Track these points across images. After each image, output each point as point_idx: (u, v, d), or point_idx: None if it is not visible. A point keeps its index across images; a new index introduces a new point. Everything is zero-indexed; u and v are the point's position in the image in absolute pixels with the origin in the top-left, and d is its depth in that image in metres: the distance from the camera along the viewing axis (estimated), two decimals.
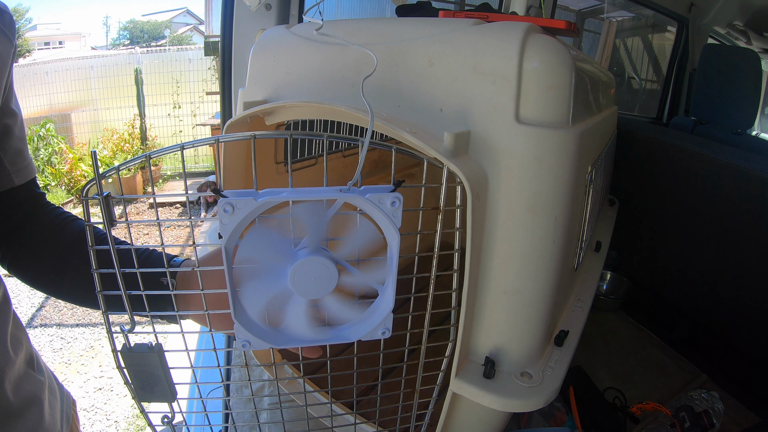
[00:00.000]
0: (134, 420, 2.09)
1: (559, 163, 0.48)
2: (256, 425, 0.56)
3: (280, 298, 0.39)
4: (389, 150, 0.40)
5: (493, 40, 0.48)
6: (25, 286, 2.66)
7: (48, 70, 5.11)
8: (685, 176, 1.09)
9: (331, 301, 0.39)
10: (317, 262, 0.37)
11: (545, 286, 0.51)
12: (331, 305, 0.40)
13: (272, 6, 1.12)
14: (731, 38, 2.13)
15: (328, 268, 0.37)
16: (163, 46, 7.64)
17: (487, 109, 0.48)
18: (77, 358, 2.50)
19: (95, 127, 5.21)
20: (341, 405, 0.72)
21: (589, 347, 1.03)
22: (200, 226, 3.38)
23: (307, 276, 0.37)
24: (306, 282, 0.37)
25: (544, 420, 0.79)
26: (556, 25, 0.62)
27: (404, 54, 0.54)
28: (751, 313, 0.95)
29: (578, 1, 2.29)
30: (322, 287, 0.38)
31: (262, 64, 0.70)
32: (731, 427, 0.83)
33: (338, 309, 0.40)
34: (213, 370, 0.73)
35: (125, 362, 0.42)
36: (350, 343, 0.44)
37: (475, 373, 0.51)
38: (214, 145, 0.41)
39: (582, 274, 0.75)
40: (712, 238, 1.02)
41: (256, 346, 0.40)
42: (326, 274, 0.37)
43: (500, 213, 0.48)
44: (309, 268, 0.37)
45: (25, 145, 0.54)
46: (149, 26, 16.72)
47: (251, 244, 0.36)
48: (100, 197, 0.37)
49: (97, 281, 0.40)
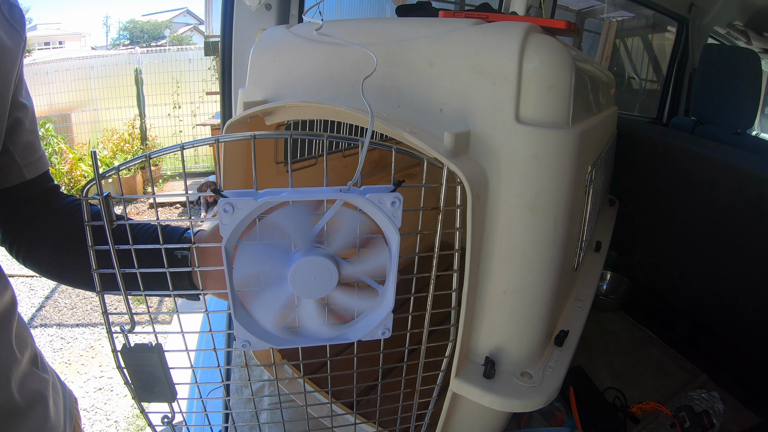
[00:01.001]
0: (134, 420, 2.09)
1: (559, 163, 0.48)
2: (256, 425, 0.56)
3: (290, 302, 0.39)
4: (389, 150, 0.40)
5: (493, 40, 0.48)
6: (25, 286, 2.64)
7: (48, 70, 5.11)
8: (685, 176, 1.09)
9: (339, 296, 0.39)
10: (313, 262, 0.37)
11: (545, 286, 0.51)
12: (340, 299, 0.40)
13: (272, 6, 1.12)
14: (731, 38, 2.13)
15: (326, 266, 0.37)
16: (163, 46, 7.64)
17: (487, 109, 0.48)
18: (77, 358, 2.50)
19: (95, 127, 5.21)
20: (341, 405, 0.72)
21: (589, 347, 1.03)
22: (200, 226, 3.37)
23: (307, 277, 0.37)
24: (307, 283, 0.37)
25: (544, 420, 0.79)
26: (556, 25, 0.62)
27: (404, 54, 0.54)
28: (750, 313, 0.95)
29: (578, 1, 2.29)
30: (324, 285, 0.38)
31: (262, 64, 0.70)
32: (731, 427, 0.83)
33: (348, 301, 0.40)
34: (213, 370, 0.73)
35: (125, 362, 0.42)
36: (350, 343, 0.44)
37: (475, 373, 0.51)
38: (214, 145, 0.41)
39: (582, 274, 0.75)
40: (712, 238, 1.02)
41: (256, 346, 0.40)
42: (325, 272, 0.37)
43: (500, 213, 0.48)
44: (306, 269, 0.37)
45: (36, 138, 0.53)
46: (149, 26, 16.72)
47: (246, 261, 0.36)
48: (100, 197, 0.37)
49: (96, 281, 0.40)
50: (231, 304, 0.38)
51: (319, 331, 0.41)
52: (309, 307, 0.39)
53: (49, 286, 3.15)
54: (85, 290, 0.55)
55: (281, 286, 0.37)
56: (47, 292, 3.08)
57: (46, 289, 3.12)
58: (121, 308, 0.42)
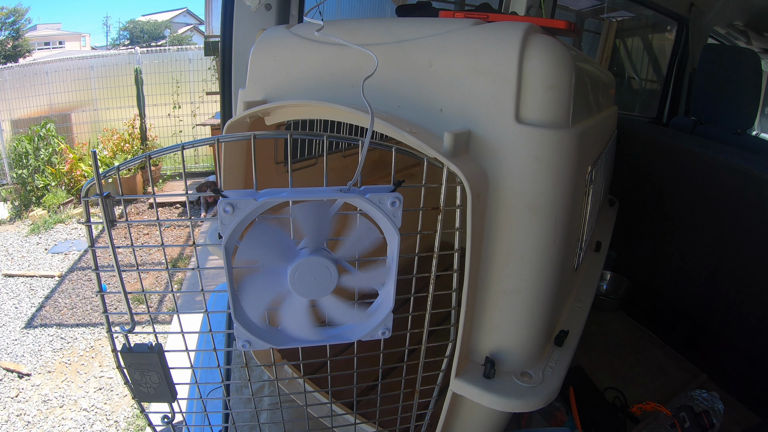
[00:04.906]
0: (134, 420, 2.09)
1: (558, 163, 0.48)
2: (256, 425, 0.56)
3: (281, 298, 0.39)
4: (389, 150, 0.40)
5: (493, 40, 0.48)
6: (26, 286, 2.63)
7: (48, 70, 5.10)
8: (685, 176, 1.09)
9: (331, 302, 0.39)
10: (317, 263, 0.37)
11: (545, 286, 0.51)
12: (331, 306, 0.40)
13: (272, 6, 1.12)
14: (731, 38, 2.13)
15: (329, 269, 0.37)
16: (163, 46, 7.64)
17: (487, 109, 0.48)
18: (77, 358, 2.49)
19: (95, 127, 5.20)
20: (341, 405, 0.72)
21: (589, 347, 1.03)
22: (200, 226, 3.38)
23: (307, 276, 0.37)
24: (306, 282, 0.37)
25: (544, 420, 0.79)
26: (556, 25, 0.62)
27: (404, 54, 0.54)
28: (751, 313, 0.95)
29: (578, 1, 2.29)
30: (322, 288, 0.38)
31: (262, 64, 0.70)
32: (731, 427, 0.83)
33: (337, 310, 0.40)
34: (213, 370, 0.73)
35: (125, 362, 0.42)
36: (350, 343, 0.44)
37: (476, 373, 0.51)
38: (214, 145, 0.41)
39: (582, 274, 0.75)
40: (712, 238, 1.02)
41: (257, 346, 0.40)
42: (326, 274, 0.37)
43: (500, 213, 0.48)
44: (309, 268, 0.37)
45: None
46: (149, 26, 16.72)
47: (252, 243, 0.36)
48: (100, 197, 0.37)
49: (96, 281, 0.40)
50: (231, 304, 0.38)
51: (302, 332, 0.41)
52: (299, 306, 0.39)
53: (49, 286, 3.14)
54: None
55: (278, 279, 0.37)
56: (47, 292, 3.08)
57: (46, 289, 3.12)
58: (121, 308, 0.42)
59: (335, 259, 0.38)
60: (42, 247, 3.66)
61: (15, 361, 2.43)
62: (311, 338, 0.42)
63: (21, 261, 3.45)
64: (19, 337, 2.63)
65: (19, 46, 11.51)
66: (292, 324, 0.40)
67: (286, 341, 0.41)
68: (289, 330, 0.41)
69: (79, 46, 14.92)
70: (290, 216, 0.37)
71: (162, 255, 0.46)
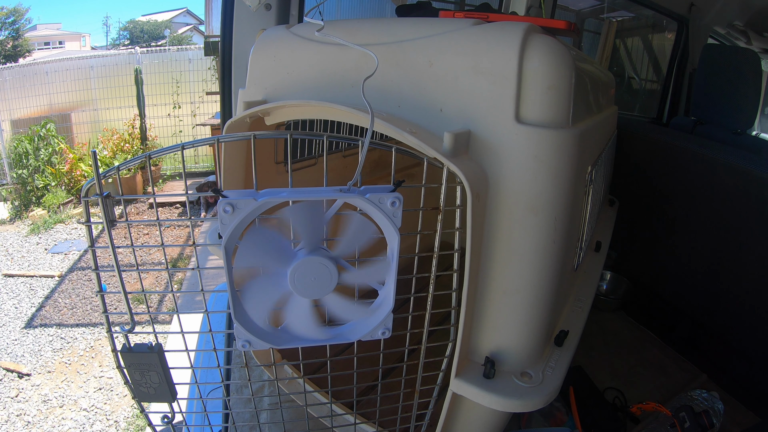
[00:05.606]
0: (134, 420, 2.09)
1: (558, 163, 0.48)
2: (256, 425, 0.56)
3: (284, 299, 0.39)
4: (389, 150, 0.40)
5: (493, 40, 0.48)
6: (26, 286, 2.64)
7: (48, 70, 5.10)
8: (685, 176, 1.09)
9: (333, 300, 0.39)
10: (316, 262, 0.37)
11: (545, 286, 0.51)
12: (333, 304, 0.40)
13: (272, 6, 1.12)
14: (731, 38, 2.13)
15: (328, 268, 0.37)
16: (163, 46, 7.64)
17: (487, 109, 0.48)
18: (77, 358, 2.49)
19: (95, 127, 5.20)
20: (341, 405, 0.72)
21: (589, 347, 1.03)
22: (200, 226, 3.38)
23: (307, 276, 0.37)
24: (306, 282, 0.37)
25: (544, 420, 0.79)
26: (556, 25, 0.62)
27: (404, 54, 0.54)
28: (751, 313, 0.95)
29: (578, 1, 2.29)
30: (323, 287, 0.38)
31: (262, 64, 0.70)
32: (731, 427, 0.83)
33: (339, 308, 0.40)
34: (213, 370, 0.73)
35: (125, 362, 0.42)
36: (350, 343, 0.44)
37: (475, 373, 0.51)
38: (214, 145, 0.41)
39: (582, 274, 0.75)
40: (712, 238, 1.02)
41: (257, 346, 0.40)
42: (326, 273, 0.37)
43: (500, 213, 0.48)
44: (308, 268, 0.37)
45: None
46: (149, 26, 16.72)
47: (249, 249, 0.36)
48: (99, 197, 0.37)
49: (96, 281, 0.40)
50: (231, 304, 0.38)
51: (305, 332, 0.41)
52: (300, 306, 0.39)
53: (49, 286, 3.14)
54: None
55: (278, 281, 0.38)
56: (47, 292, 3.08)
57: (46, 289, 3.12)
58: (121, 308, 0.42)
59: (333, 257, 0.38)
60: (42, 247, 3.66)
61: (15, 361, 2.43)
62: (317, 338, 0.42)
63: (21, 261, 3.45)
64: (19, 337, 2.63)
65: (19, 46, 11.51)
66: (296, 324, 0.40)
67: (286, 341, 0.41)
68: (295, 330, 0.41)
69: (79, 46, 14.94)
70: (284, 217, 0.37)
71: (162, 255, 0.46)
